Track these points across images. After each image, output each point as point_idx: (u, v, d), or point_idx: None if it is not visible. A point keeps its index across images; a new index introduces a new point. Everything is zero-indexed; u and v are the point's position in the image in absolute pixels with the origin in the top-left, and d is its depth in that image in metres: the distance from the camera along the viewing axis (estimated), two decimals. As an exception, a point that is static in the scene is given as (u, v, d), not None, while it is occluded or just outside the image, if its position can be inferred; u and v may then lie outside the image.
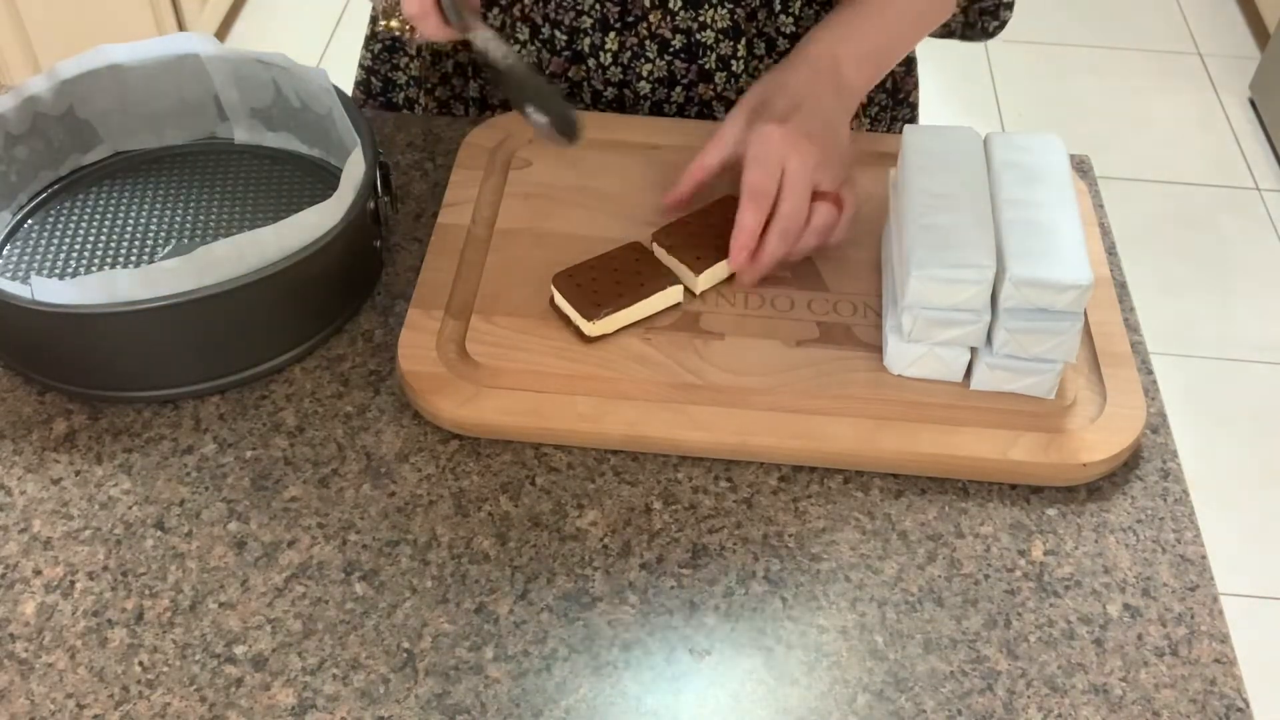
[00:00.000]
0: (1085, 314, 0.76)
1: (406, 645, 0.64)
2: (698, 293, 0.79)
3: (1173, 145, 2.62)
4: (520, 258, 0.81)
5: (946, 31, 0.96)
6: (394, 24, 0.79)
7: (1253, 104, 2.70)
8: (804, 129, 0.78)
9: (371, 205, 0.78)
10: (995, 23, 0.94)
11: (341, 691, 0.62)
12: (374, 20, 1.01)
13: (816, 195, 0.78)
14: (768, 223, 0.77)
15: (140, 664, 0.63)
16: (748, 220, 0.76)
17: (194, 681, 0.62)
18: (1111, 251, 0.85)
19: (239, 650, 0.63)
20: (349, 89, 0.84)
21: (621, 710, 0.62)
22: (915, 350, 0.74)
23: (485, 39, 0.74)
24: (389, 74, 1.03)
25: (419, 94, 1.02)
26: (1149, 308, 2.10)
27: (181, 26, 2.43)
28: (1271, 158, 2.58)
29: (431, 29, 0.73)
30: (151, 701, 0.61)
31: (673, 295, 0.77)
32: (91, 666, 0.62)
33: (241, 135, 0.89)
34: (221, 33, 2.67)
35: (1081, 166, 0.93)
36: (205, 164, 0.88)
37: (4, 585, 0.66)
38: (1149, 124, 2.68)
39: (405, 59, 1.02)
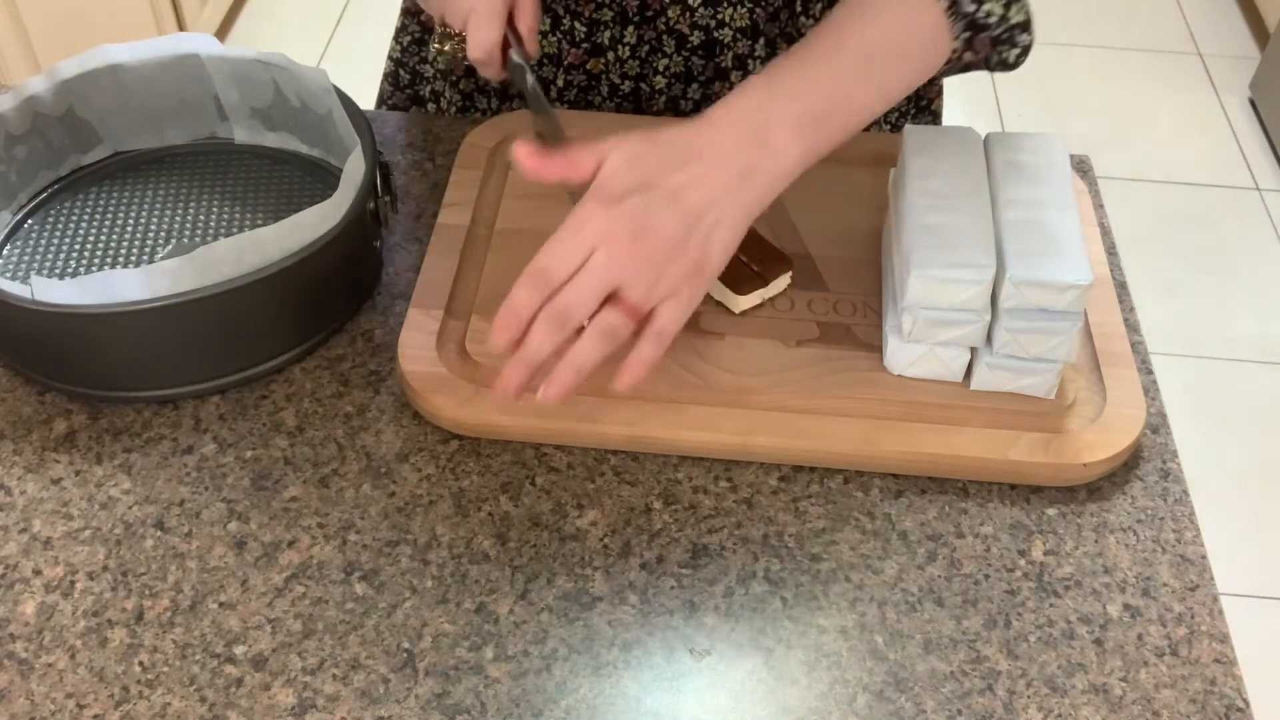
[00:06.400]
0: (1085, 314, 0.76)
1: (406, 645, 0.64)
2: (737, 311, 0.78)
3: (1173, 145, 2.62)
4: (520, 258, 0.80)
5: (965, 65, 0.78)
6: (446, 48, 0.80)
7: (1253, 104, 2.70)
8: (639, 222, 0.64)
9: (371, 205, 0.78)
10: (1015, 50, 0.73)
11: (341, 691, 0.62)
12: (412, 19, 1.01)
13: (617, 302, 0.64)
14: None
15: (140, 664, 0.63)
16: (516, 297, 0.64)
17: (194, 681, 0.62)
18: (1111, 251, 0.85)
19: (239, 650, 0.63)
20: (349, 89, 0.84)
21: (621, 710, 0.62)
22: (915, 350, 0.74)
23: (524, 76, 0.79)
24: (417, 66, 1.03)
25: (445, 86, 1.02)
26: (1149, 308, 2.11)
27: (181, 26, 2.43)
28: (1271, 158, 2.58)
29: (492, 73, 0.77)
30: (151, 701, 0.61)
31: (673, 295, 0.77)
32: (91, 666, 0.62)
33: (241, 135, 0.89)
34: (221, 33, 2.67)
35: (1081, 166, 0.93)
36: (205, 164, 0.88)
37: (4, 585, 0.66)
38: (1149, 124, 2.68)
39: (432, 46, 1.02)
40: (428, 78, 1.03)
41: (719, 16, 0.91)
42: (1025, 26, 0.72)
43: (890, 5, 0.71)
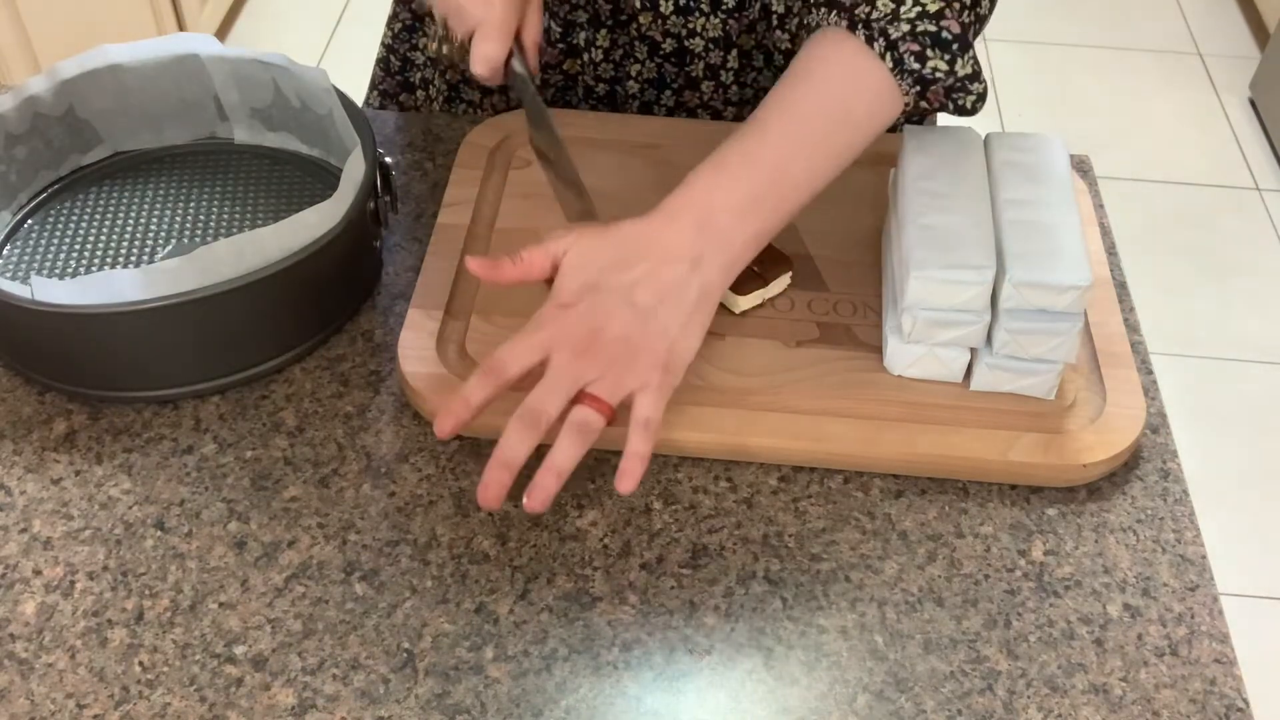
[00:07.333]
0: (1085, 314, 0.76)
1: (406, 645, 0.64)
2: (737, 312, 0.79)
3: (1173, 145, 2.62)
4: (520, 258, 0.81)
5: (924, 111, 0.78)
6: (445, 51, 0.81)
7: (1253, 104, 2.70)
8: (593, 323, 0.66)
9: (371, 205, 0.78)
10: (970, 97, 0.73)
11: (341, 691, 0.62)
12: (403, 7, 1.02)
13: (585, 397, 0.65)
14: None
15: (140, 664, 0.63)
16: (467, 387, 0.66)
17: (194, 681, 0.62)
18: (1111, 251, 0.85)
19: (239, 650, 0.63)
20: (349, 89, 0.84)
21: (621, 710, 0.62)
22: (915, 351, 0.74)
23: (526, 87, 0.80)
24: (407, 53, 1.04)
25: (434, 74, 1.02)
26: (1149, 308, 2.11)
27: (181, 26, 2.43)
28: (1271, 158, 2.58)
29: (492, 83, 0.80)
30: (151, 701, 0.61)
31: (673, 295, 0.77)
32: (91, 666, 0.62)
33: (241, 135, 0.89)
34: (221, 33, 2.67)
35: (1081, 166, 0.93)
36: (205, 164, 0.88)
37: (4, 585, 0.66)
38: (1149, 124, 2.68)
39: (424, 40, 1.03)
40: (418, 65, 1.04)
41: (690, 25, 0.92)
42: (974, 77, 0.72)
43: (834, 72, 0.72)
